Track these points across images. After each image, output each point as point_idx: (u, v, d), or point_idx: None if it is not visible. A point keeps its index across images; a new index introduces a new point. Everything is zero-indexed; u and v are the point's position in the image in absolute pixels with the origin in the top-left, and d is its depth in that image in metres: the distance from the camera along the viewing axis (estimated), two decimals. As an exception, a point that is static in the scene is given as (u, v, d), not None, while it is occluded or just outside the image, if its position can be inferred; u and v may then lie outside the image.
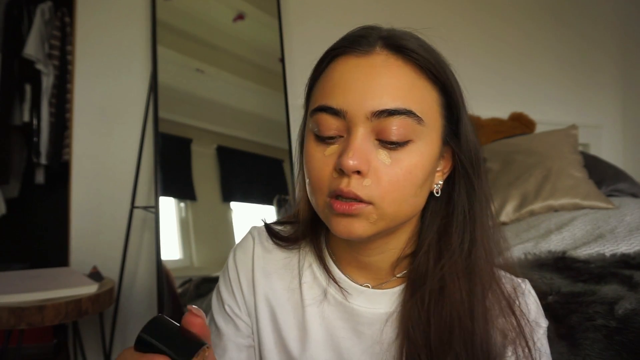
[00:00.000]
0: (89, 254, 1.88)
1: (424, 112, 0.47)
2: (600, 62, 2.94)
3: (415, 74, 0.47)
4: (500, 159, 1.92)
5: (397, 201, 0.46)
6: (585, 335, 0.75)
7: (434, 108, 0.48)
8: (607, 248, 1.20)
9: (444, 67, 0.49)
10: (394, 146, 0.46)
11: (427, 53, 0.48)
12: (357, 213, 0.46)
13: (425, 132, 0.47)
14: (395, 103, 0.45)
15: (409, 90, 0.46)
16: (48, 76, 2.25)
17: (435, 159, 0.49)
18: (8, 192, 2.44)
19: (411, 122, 0.46)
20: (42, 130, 2.27)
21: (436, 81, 0.48)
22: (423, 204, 0.51)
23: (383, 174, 0.45)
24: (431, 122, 0.48)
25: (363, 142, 0.45)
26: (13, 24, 2.27)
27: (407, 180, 0.46)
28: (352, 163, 0.44)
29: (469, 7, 2.59)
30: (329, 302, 0.55)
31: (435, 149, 0.48)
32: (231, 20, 2.06)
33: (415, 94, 0.47)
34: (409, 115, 0.45)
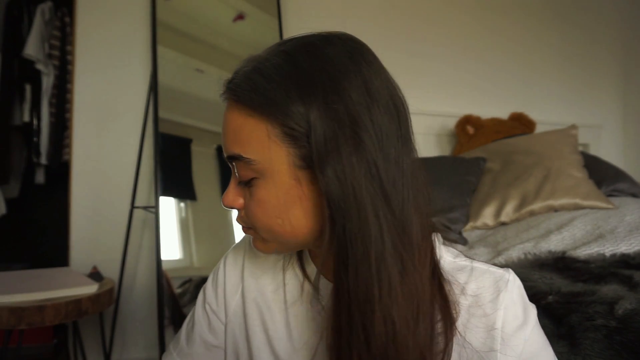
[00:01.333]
0: (89, 254, 1.88)
1: (255, 151, 0.47)
2: (600, 62, 2.94)
3: (245, 112, 0.48)
4: (500, 159, 1.92)
5: (265, 228, 0.50)
6: (585, 335, 0.75)
7: (266, 142, 0.46)
8: (607, 248, 1.20)
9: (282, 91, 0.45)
10: (246, 185, 0.51)
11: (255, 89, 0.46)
12: (250, 233, 0.54)
13: (263, 168, 0.48)
14: (230, 150, 0.50)
15: (237, 134, 0.48)
16: (48, 76, 2.25)
17: (290, 187, 0.47)
18: (8, 192, 2.44)
19: (244, 164, 0.49)
20: (42, 130, 2.27)
21: (267, 115, 0.46)
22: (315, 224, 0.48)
23: (247, 207, 0.51)
24: (267, 157, 0.47)
25: (233, 183, 0.53)
26: (13, 24, 2.27)
27: (262, 212, 0.49)
28: (223, 202, 0.53)
29: (469, 7, 2.59)
30: (310, 299, 0.57)
31: (284, 180, 0.47)
32: (231, 20, 2.06)
33: (245, 134, 0.48)
34: (239, 159, 0.49)
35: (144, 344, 1.95)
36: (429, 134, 2.41)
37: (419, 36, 2.46)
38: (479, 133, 2.30)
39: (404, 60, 2.40)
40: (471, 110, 2.40)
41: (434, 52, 2.47)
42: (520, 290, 0.52)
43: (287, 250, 0.55)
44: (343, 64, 0.46)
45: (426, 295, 0.47)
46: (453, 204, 1.67)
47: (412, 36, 2.44)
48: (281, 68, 0.46)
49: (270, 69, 0.47)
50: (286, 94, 0.45)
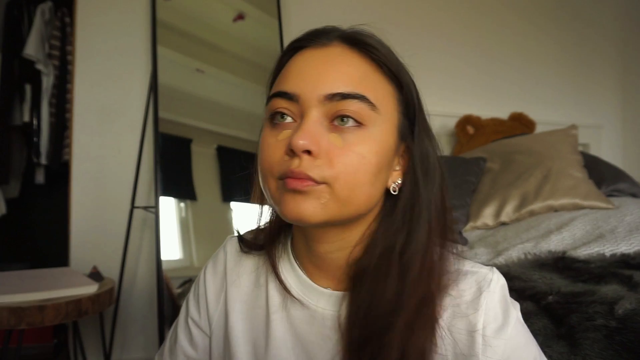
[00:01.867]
0: (89, 254, 1.88)
1: (378, 100, 0.47)
2: (600, 62, 2.94)
3: (370, 66, 0.49)
4: (500, 159, 1.92)
5: (350, 184, 0.45)
6: (585, 335, 0.75)
7: (389, 100, 0.49)
8: (607, 248, 1.20)
9: (401, 66, 0.51)
10: (346, 129, 0.46)
11: (385, 50, 0.50)
12: (308, 190, 0.45)
13: (380, 120, 0.47)
14: (348, 88, 0.46)
15: (363, 78, 0.47)
16: (48, 76, 2.25)
17: (390, 150, 0.48)
18: (8, 192, 2.44)
19: (364, 107, 0.46)
20: (42, 130, 2.27)
21: (392, 77, 0.49)
22: (377, 198, 0.50)
23: (335, 156, 0.45)
24: (386, 112, 0.48)
25: (315, 124, 0.46)
26: (13, 24, 2.27)
27: (361, 164, 0.46)
28: (302, 142, 0.44)
29: (469, 7, 2.59)
30: (295, 306, 0.54)
31: (390, 140, 0.48)
32: (231, 20, 2.06)
33: (369, 83, 0.48)
34: (361, 100, 0.46)
35: (144, 344, 1.95)
36: (429, 134, 2.41)
37: (419, 36, 2.46)
38: (479, 133, 2.30)
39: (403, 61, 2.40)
40: (471, 110, 2.40)
41: (433, 52, 2.47)
42: (502, 290, 0.51)
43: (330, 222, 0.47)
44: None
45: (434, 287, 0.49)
46: (453, 204, 1.67)
47: (412, 36, 2.44)
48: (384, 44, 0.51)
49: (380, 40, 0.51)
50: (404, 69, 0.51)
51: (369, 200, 0.48)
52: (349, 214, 0.48)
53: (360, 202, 0.47)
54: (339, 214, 0.47)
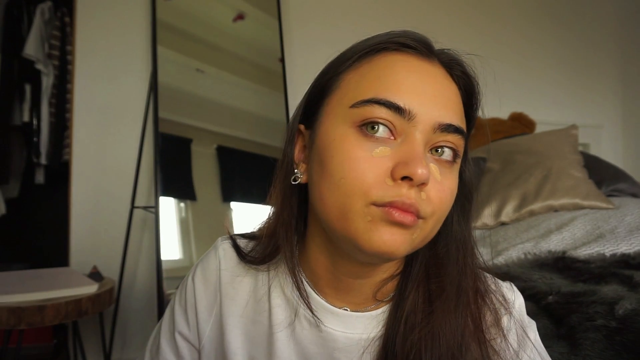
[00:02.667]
0: (89, 254, 1.88)
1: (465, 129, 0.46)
2: (600, 62, 2.94)
3: (460, 98, 0.47)
4: (500, 159, 1.92)
5: (439, 220, 0.43)
6: (585, 335, 0.75)
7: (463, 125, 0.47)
8: (607, 248, 1.20)
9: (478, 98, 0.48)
10: (445, 164, 0.43)
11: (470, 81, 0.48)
12: (412, 226, 0.40)
13: (460, 156, 0.46)
14: (457, 120, 0.43)
15: (461, 111, 0.45)
16: (48, 76, 2.25)
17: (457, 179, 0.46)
18: (8, 192, 2.44)
19: (462, 143, 0.44)
20: (42, 130, 2.27)
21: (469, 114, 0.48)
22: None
23: (433, 190, 0.41)
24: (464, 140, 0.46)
25: (424, 153, 0.42)
26: (13, 24, 2.27)
27: (449, 201, 0.43)
28: (425, 173, 0.39)
29: (469, 6, 2.59)
30: (302, 325, 0.50)
31: (458, 168, 0.47)
32: (231, 20, 2.06)
33: (462, 116, 0.46)
34: (462, 135, 0.44)
35: (144, 344, 1.94)
36: (429, 134, 2.41)
37: (419, 36, 2.46)
38: (479, 133, 2.30)
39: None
40: (471, 110, 2.40)
41: (434, 52, 2.47)
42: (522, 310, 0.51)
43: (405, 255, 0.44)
44: None
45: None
46: (453, 204, 1.67)
47: (412, 36, 2.44)
48: None
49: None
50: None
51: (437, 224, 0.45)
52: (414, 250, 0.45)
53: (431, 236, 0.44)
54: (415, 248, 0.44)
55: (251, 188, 2.00)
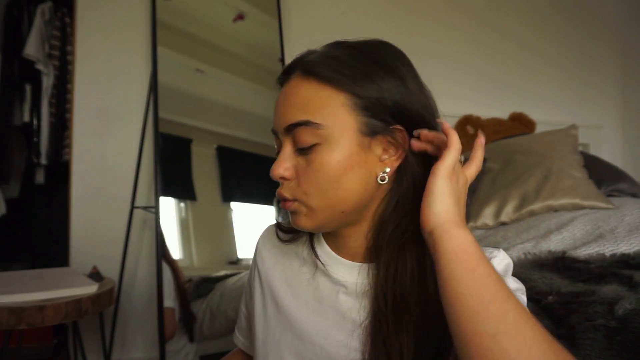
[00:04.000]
0: (89, 254, 1.88)
1: (325, 117, 0.54)
2: (600, 62, 2.94)
3: (318, 86, 0.55)
4: (500, 159, 1.92)
5: (317, 194, 0.55)
6: (585, 335, 0.75)
7: (339, 110, 0.54)
8: (607, 248, 1.20)
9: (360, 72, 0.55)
10: (305, 151, 0.55)
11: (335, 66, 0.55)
12: (290, 209, 0.57)
13: (330, 133, 0.54)
14: (295, 117, 0.55)
15: (307, 103, 0.55)
16: (48, 76, 2.25)
17: (353, 153, 0.55)
18: (8, 192, 2.44)
19: (311, 129, 0.54)
20: (42, 130, 2.27)
21: (341, 88, 0.54)
22: (361, 195, 0.56)
23: (301, 175, 0.56)
24: (337, 123, 0.54)
25: (285, 152, 0.57)
26: (13, 24, 2.27)
27: (319, 177, 0.54)
28: (274, 173, 0.56)
29: (469, 7, 2.59)
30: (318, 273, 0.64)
31: (350, 145, 0.54)
32: (231, 20, 2.06)
33: (315, 104, 0.55)
34: (307, 124, 0.54)
35: (144, 344, 1.95)
36: (429, 134, 2.41)
37: (419, 36, 2.46)
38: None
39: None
40: (471, 110, 2.40)
41: (434, 53, 2.47)
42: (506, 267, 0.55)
43: (331, 224, 0.58)
44: (398, 60, 0.58)
45: None
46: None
47: (412, 36, 2.44)
48: (351, 55, 0.56)
49: (342, 55, 0.56)
50: (361, 72, 0.55)
51: (344, 201, 0.55)
52: (340, 215, 0.56)
53: (335, 204, 0.55)
54: (329, 217, 0.56)
55: (251, 188, 2.01)
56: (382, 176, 0.56)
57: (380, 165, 0.56)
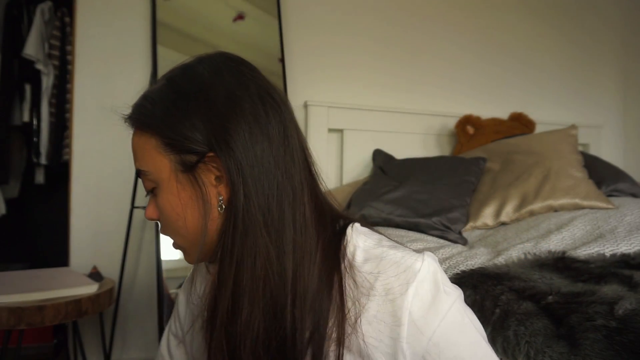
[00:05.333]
0: (89, 254, 1.88)
1: (148, 164, 0.55)
2: (600, 62, 2.94)
3: (138, 134, 0.56)
4: (500, 159, 1.92)
5: (172, 232, 0.58)
6: (585, 335, 0.75)
7: (154, 154, 0.55)
8: (607, 248, 1.21)
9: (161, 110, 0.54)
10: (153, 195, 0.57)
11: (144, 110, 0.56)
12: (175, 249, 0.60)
13: (156, 178, 0.55)
14: (135, 165, 0.57)
15: (136, 153, 0.57)
16: (48, 76, 2.25)
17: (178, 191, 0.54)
18: (8, 192, 2.44)
19: (144, 177, 0.56)
20: (42, 130, 2.27)
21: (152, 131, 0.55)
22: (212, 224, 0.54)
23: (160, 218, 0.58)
24: (156, 168, 0.55)
25: (150, 196, 0.58)
26: (13, 24, 2.27)
27: (165, 219, 0.57)
28: (145, 216, 0.59)
29: (469, 7, 2.58)
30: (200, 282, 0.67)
31: (171, 184, 0.55)
32: (231, 20, 2.06)
33: (139, 153, 0.56)
34: (141, 173, 0.56)
35: (144, 344, 1.95)
36: (429, 134, 2.41)
37: (419, 36, 2.46)
38: (479, 133, 2.30)
39: (404, 61, 2.40)
40: (471, 110, 2.40)
41: (434, 52, 2.47)
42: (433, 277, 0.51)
43: (207, 256, 0.58)
44: (208, 78, 0.55)
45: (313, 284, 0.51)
46: (453, 204, 1.67)
47: (412, 36, 2.44)
48: (161, 90, 0.57)
49: (153, 93, 0.57)
50: (164, 111, 0.54)
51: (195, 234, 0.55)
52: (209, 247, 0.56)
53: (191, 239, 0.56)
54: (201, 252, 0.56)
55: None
56: (220, 204, 0.54)
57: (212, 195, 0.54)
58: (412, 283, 0.50)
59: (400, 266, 0.51)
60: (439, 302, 0.50)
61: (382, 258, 0.52)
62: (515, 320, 0.81)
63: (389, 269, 0.51)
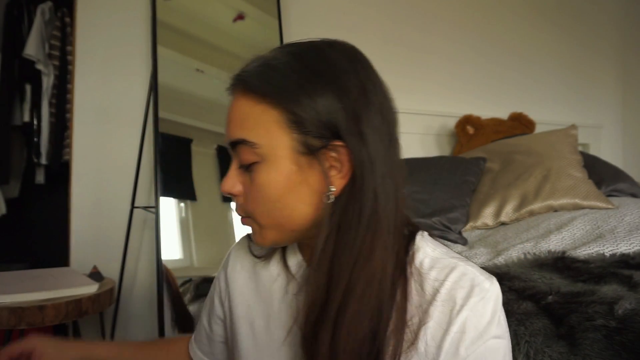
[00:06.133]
0: (89, 254, 1.88)
1: (260, 136, 0.52)
2: (599, 62, 2.94)
3: (253, 101, 0.53)
4: (500, 159, 1.92)
5: (263, 213, 0.54)
6: (585, 335, 0.75)
7: (273, 127, 0.51)
8: (606, 248, 1.21)
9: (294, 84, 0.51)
10: (247, 169, 0.54)
11: (271, 78, 0.52)
12: (246, 225, 0.57)
13: (266, 152, 0.52)
14: (234, 135, 0.54)
15: (244, 120, 0.53)
16: (48, 76, 2.25)
17: (291, 173, 0.52)
18: (8, 192, 2.44)
19: (248, 148, 0.52)
20: (43, 130, 2.27)
21: (276, 103, 0.51)
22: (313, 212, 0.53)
23: (248, 193, 0.54)
24: (271, 142, 0.51)
25: (234, 169, 0.56)
26: (13, 24, 2.27)
27: (261, 197, 0.53)
28: (222, 189, 0.56)
29: (469, 7, 2.59)
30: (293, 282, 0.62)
31: (286, 164, 0.52)
32: (231, 20, 2.06)
33: (250, 121, 0.53)
34: (243, 143, 0.53)
35: (144, 344, 1.95)
36: (429, 134, 2.41)
37: (419, 36, 2.46)
38: (479, 133, 2.30)
39: (404, 60, 2.40)
40: (471, 110, 2.40)
41: (434, 52, 2.47)
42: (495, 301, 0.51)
43: (284, 240, 0.57)
44: (343, 65, 0.52)
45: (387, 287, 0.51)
46: (453, 204, 1.67)
47: (412, 36, 2.44)
48: (290, 64, 0.52)
49: (281, 64, 0.52)
50: (295, 86, 0.51)
51: (292, 220, 0.53)
52: (292, 233, 0.55)
53: (284, 223, 0.54)
54: (281, 235, 0.55)
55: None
56: (327, 194, 0.51)
57: (326, 184, 0.52)
58: (476, 299, 0.50)
59: (469, 279, 0.51)
60: (490, 327, 0.49)
61: (452, 268, 0.52)
62: (515, 320, 0.81)
63: (457, 280, 0.51)
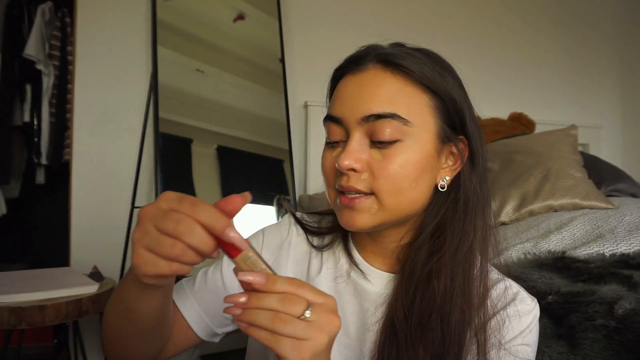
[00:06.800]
0: (89, 253, 1.88)
1: (412, 114, 0.52)
2: (599, 62, 2.94)
3: (403, 81, 0.53)
4: (500, 159, 1.92)
5: (393, 192, 0.52)
6: (585, 335, 0.75)
7: (424, 110, 0.53)
8: (606, 248, 1.21)
9: (437, 74, 0.54)
10: (383, 145, 0.52)
11: (418, 64, 0.54)
12: (359, 207, 0.53)
13: (414, 132, 0.52)
14: (381, 108, 0.52)
15: (394, 97, 0.52)
16: (48, 76, 2.26)
17: (429, 156, 0.53)
18: (8, 192, 2.44)
19: (397, 124, 0.52)
20: (43, 130, 2.27)
21: (426, 88, 0.54)
22: (425, 199, 0.55)
23: (376, 169, 0.52)
24: (421, 123, 0.53)
25: (357, 143, 0.53)
26: (13, 24, 2.28)
27: (400, 174, 0.52)
28: (346, 163, 0.51)
29: (469, 7, 2.59)
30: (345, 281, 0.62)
31: (428, 147, 0.53)
32: (231, 20, 2.06)
33: (402, 99, 0.53)
34: (394, 118, 0.52)
35: (144, 343, 1.95)
36: (429, 134, 2.41)
37: (419, 36, 2.45)
38: (479, 133, 2.30)
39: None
40: (471, 110, 2.40)
41: (434, 52, 2.47)
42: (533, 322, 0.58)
43: (383, 226, 0.55)
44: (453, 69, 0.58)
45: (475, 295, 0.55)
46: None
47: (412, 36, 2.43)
48: (429, 57, 0.56)
49: (420, 54, 0.55)
50: (440, 77, 0.54)
51: (414, 203, 0.54)
52: (396, 218, 0.54)
53: (405, 205, 0.53)
54: (387, 219, 0.54)
55: (251, 188, 2.00)
56: (442, 184, 0.55)
57: (442, 173, 0.56)
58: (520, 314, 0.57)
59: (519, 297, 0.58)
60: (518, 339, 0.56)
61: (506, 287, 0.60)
62: (514, 320, 0.81)
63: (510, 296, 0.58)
